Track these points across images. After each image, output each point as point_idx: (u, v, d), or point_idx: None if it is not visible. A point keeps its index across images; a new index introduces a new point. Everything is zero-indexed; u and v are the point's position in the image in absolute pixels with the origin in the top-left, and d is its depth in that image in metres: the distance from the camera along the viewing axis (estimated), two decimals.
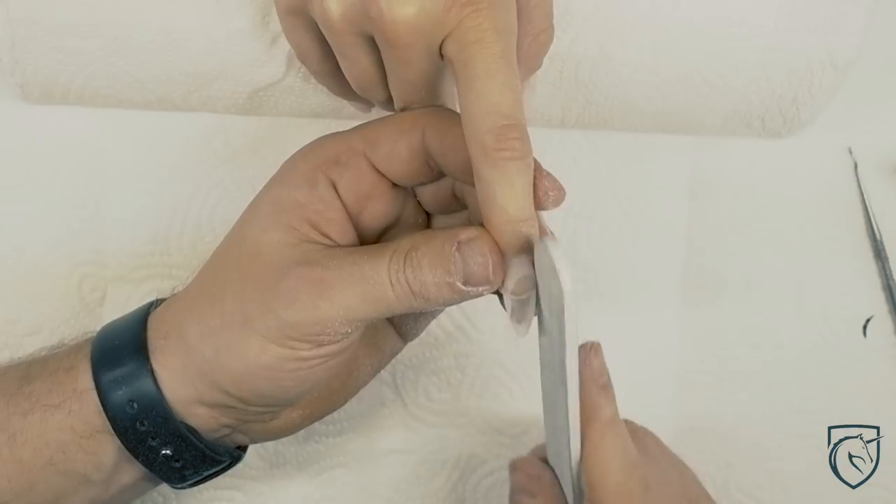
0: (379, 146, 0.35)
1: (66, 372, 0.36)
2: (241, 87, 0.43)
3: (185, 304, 0.37)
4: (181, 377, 0.35)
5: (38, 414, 0.36)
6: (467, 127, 0.32)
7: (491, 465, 0.48)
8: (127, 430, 0.35)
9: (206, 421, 0.36)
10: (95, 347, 0.37)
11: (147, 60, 0.42)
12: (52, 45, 0.41)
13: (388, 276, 0.33)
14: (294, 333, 0.34)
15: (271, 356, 0.34)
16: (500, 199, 0.32)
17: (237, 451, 0.39)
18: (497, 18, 0.32)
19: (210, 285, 0.36)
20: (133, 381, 0.35)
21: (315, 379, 0.35)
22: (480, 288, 0.33)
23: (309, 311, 0.33)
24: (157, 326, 0.36)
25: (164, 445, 0.36)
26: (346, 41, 0.35)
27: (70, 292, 0.46)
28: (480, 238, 0.33)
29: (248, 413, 0.36)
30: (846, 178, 0.50)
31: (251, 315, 0.34)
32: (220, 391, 0.35)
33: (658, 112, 0.46)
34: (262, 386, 0.35)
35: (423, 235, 0.34)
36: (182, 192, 0.46)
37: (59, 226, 0.46)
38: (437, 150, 0.35)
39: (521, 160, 0.32)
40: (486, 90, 0.31)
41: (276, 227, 0.35)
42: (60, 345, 0.39)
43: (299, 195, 0.35)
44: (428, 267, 0.33)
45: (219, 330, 0.35)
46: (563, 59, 0.43)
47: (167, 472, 0.37)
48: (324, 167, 0.35)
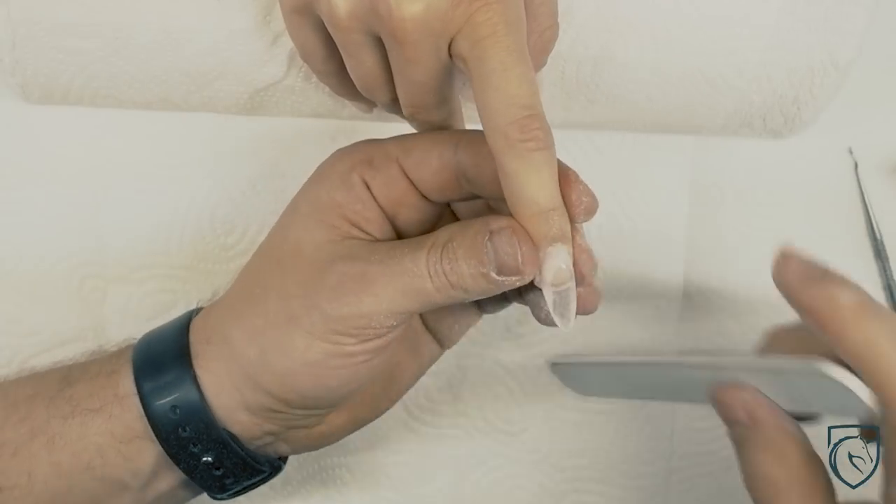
0: (411, 153, 0.35)
1: (108, 377, 0.36)
2: (242, 87, 0.43)
3: (227, 308, 0.37)
4: (225, 382, 0.35)
5: (78, 418, 0.36)
6: (487, 122, 0.32)
7: (491, 465, 0.48)
8: (169, 435, 0.35)
9: (249, 428, 0.36)
10: (138, 353, 0.37)
11: (147, 60, 0.42)
12: (53, 45, 0.41)
13: (426, 268, 0.33)
14: (339, 328, 0.34)
15: (317, 352, 0.34)
16: (528, 191, 0.32)
17: (278, 462, 0.39)
18: (507, 12, 0.32)
19: (252, 287, 0.36)
20: (176, 386, 0.35)
21: (359, 378, 0.35)
22: (514, 278, 0.33)
23: (353, 306, 0.33)
24: (200, 332, 0.36)
25: (206, 452, 0.36)
26: (353, 39, 0.35)
27: (70, 292, 0.46)
28: (510, 227, 0.33)
29: (291, 418, 0.36)
30: (846, 178, 0.50)
31: (296, 312, 0.34)
32: (265, 393, 0.35)
33: (659, 112, 0.46)
34: (307, 386, 0.35)
35: (460, 226, 0.34)
36: (182, 192, 0.46)
37: (59, 226, 0.46)
38: (470, 163, 0.35)
39: (546, 150, 0.32)
40: (503, 83, 0.31)
41: (317, 226, 0.35)
42: (100, 350, 0.40)
43: (338, 196, 0.35)
44: (463, 258, 0.33)
45: (263, 330, 0.35)
46: (565, 58, 0.43)
47: (208, 479, 0.37)
48: (358, 168, 0.36)
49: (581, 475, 0.49)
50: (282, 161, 0.46)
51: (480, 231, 0.33)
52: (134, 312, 0.46)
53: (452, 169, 0.35)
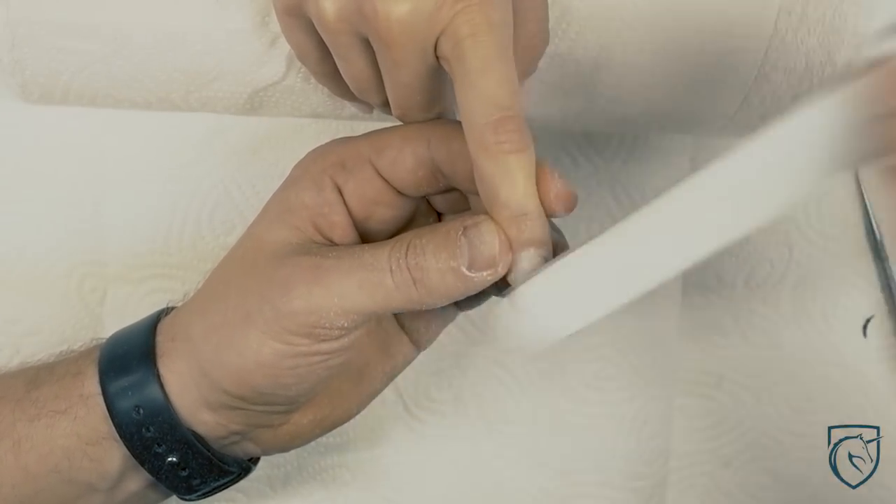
0: (384, 153, 0.35)
1: (74, 377, 0.36)
2: (242, 87, 0.43)
3: (194, 306, 0.37)
4: (186, 380, 0.35)
5: (44, 420, 0.36)
6: (465, 122, 0.32)
7: (491, 466, 0.48)
8: (133, 436, 0.35)
9: (214, 427, 0.36)
10: (103, 353, 0.37)
11: (147, 60, 0.42)
12: (52, 45, 0.41)
13: (388, 262, 0.33)
14: (291, 326, 0.33)
15: (269, 352, 0.34)
16: (502, 195, 0.32)
17: (247, 463, 0.39)
18: (490, 13, 0.32)
19: (217, 284, 0.36)
20: (139, 386, 0.35)
21: (315, 377, 0.35)
22: (486, 272, 0.32)
23: (304, 298, 0.33)
24: (167, 331, 0.36)
25: (171, 452, 0.36)
26: (342, 41, 0.35)
27: (70, 292, 0.46)
28: (487, 222, 0.32)
29: (252, 415, 0.36)
30: (846, 178, 0.50)
31: (251, 309, 0.34)
32: (220, 390, 0.35)
33: (658, 112, 0.46)
34: (261, 383, 0.35)
35: (429, 227, 0.34)
36: (182, 192, 0.46)
37: (59, 226, 0.46)
38: (444, 159, 0.35)
39: (521, 152, 0.31)
40: (481, 83, 0.31)
41: (281, 226, 0.35)
42: (68, 350, 0.39)
43: (306, 197, 0.35)
44: (431, 253, 0.33)
45: (221, 326, 0.35)
46: (564, 59, 0.43)
47: (174, 480, 0.36)
48: (330, 171, 0.35)
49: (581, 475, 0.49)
50: (282, 161, 0.46)
51: (454, 227, 0.33)
52: (133, 312, 0.46)
53: (427, 165, 0.35)
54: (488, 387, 0.48)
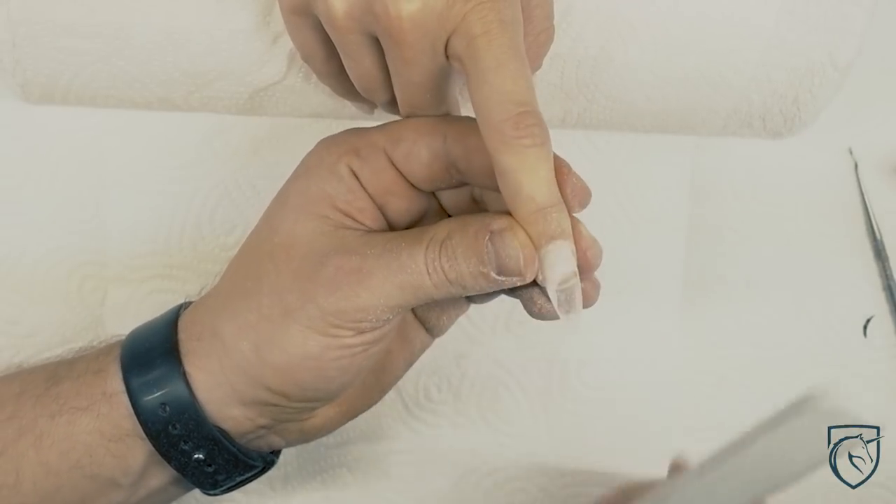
0: (399, 145, 0.35)
1: (95, 375, 0.36)
2: (242, 87, 0.43)
3: (218, 303, 0.36)
4: (217, 378, 0.35)
5: (65, 416, 0.36)
6: (483, 120, 0.32)
7: (491, 465, 0.48)
8: (159, 433, 0.35)
9: (241, 423, 0.36)
10: (125, 351, 0.37)
11: (148, 60, 0.42)
12: (53, 45, 0.41)
13: (425, 265, 0.33)
14: (337, 321, 0.34)
15: (315, 345, 0.34)
16: (525, 189, 0.32)
17: (270, 456, 0.39)
18: (502, 10, 0.32)
19: (243, 281, 0.36)
20: (165, 384, 0.35)
21: (357, 368, 0.35)
22: (515, 278, 0.33)
23: (350, 300, 0.33)
24: (189, 328, 0.36)
25: (197, 449, 0.36)
26: (351, 40, 0.35)
27: (70, 293, 0.46)
28: (511, 230, 0.33)
29: (287, 411, 0.36)
30: (846, 178, 0.50)
31: (291, 306, 0.34)
32: (262, 388, 0.35)
33: (659, 112, 0.46)
34: (306, 378, 0.35)
35: (458, 222, 0.34)
36: (182, 192, 0.46)
37: (59, 226, 0.46)
38: (461, 154, 0.35)
39: (542, 146, 0.32)
40: (498, 80, 0.31)
41: (307, 217, 0.35)
42: (88, 346, 0.39)
43: (328, 187, 0.35)
44: (462, 256, 0.33)
45: (257, 324, 0.35)
46: (564, 59, 0.43)
47: (200, 476, 0.37)
48: (346, 158, 0.35)
49: (581, 475, 0.49)
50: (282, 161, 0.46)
51: (480, 230, 0.33)
52: (134, 312, 0.46)
53: (442, 160, 0.35)
54: (488, 387, 0.48)
